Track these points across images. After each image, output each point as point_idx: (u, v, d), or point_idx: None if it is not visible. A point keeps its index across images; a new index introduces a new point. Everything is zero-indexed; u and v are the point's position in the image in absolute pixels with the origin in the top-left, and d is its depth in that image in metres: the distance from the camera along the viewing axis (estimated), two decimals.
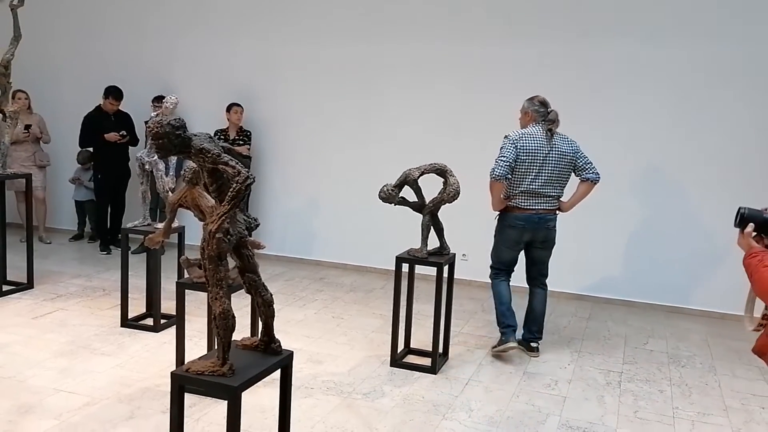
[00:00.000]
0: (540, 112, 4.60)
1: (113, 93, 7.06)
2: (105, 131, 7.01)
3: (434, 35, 6.46)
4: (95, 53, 7.82)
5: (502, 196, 4.60)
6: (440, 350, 4.42)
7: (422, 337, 4.77)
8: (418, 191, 4.39)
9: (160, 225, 4.46)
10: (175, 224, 3.88)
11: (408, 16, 6.55)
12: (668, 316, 5.86)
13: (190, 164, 3.27)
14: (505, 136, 4.60)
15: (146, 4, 7.58)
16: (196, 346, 4.41)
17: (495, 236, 4.84)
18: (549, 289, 6.20)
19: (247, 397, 3.27)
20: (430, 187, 4.49)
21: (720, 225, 5.80)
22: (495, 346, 4.67)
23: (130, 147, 7.26)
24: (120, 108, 7.19)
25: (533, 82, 6.18)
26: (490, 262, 4.92)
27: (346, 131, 6.91)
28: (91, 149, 7.35)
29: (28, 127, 7.09)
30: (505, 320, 4.68)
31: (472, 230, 6.48)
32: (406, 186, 4.30)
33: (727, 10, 5.63)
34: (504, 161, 4.46)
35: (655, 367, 4.61)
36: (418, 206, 4.41)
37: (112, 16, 7.72)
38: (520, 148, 4.49)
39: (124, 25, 7.69)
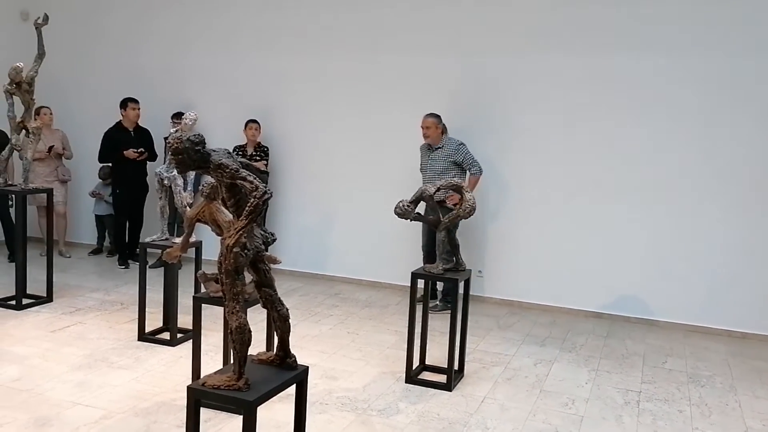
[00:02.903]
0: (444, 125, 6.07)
1: (130, 100, 7.21)
2: (125, 147, 7.11)
3: (447, 49, 6.49)
4: (116, 70, 7.95)
5: None
6: (456, 367, 4.39)
7: (437, 353, 4.75)
8: (433, 207, 4.39)
9: (178, 240, 4.50)
10: (192, 239, 3.92)
11: (421, 30, 6.59)
12: (687, 335, 5.77)
13: (208, 179, 3.30)
14: (462, 144, 6.00)
15: (165, 21, 7.71)
16: (212, 361, 4.42)
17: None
18: (565, 305, 6.24)
19: (262, 412, 3.27)
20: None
21: (741, 242, 5.75)
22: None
23: (148, 162, 7.35)
24: (140, 123, 7.29)
25: (550, 96, 6.21)
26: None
27: (361, 146, 6.94)
28: (110, 164, 7.46)
29: (50, 148, 7.21)
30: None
31: (488, 246, 6.48)
32: (421, 201, 4.30)
33: (744, 23, 5.60)
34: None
35: (675, 387, 4.54)
36: (434, 222, 4.41)
37: (132, 34, 7.86)
38: None
39: (144, 43, 7.82)
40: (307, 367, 2.71)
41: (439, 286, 6.24)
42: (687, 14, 5.76)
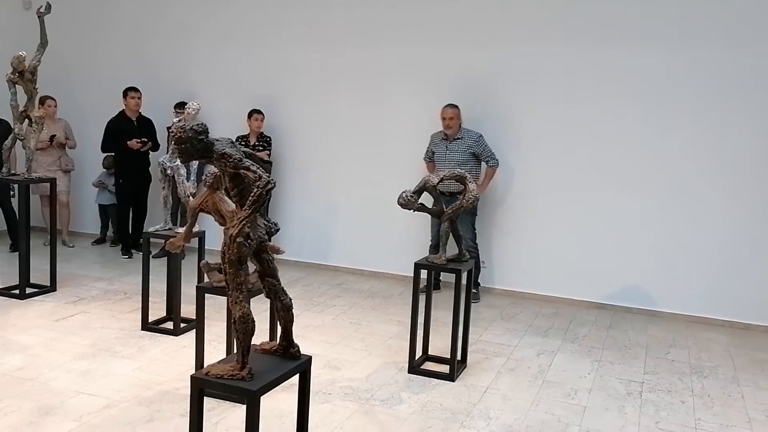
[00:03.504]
0: None
1: (131, 89, 7.20)
2: (127, 137, 7.10)
3: (450, 41, 6.46)
4: (120, 59, 7.94)
5: None
6: (458, 357, 4.40)
7: (440, 344, 4.75)
8: (437, 198, 4.38)
9: (181, 229, 4.50)
10: (195, 229, 3.91)
11: (424, 22, 6.56)
12: (690, 325, 5.77)
13: (211, 169, 3.29)
14: (481, 135, 6.08)
15: (171, 12, 7.68)
16: (216, 350, 4.44)
17: (473, 220, 6.08)
18: (568, 296, 6.23)
19: (265, 401, 3.28)
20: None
21: (743, 234, 5.73)
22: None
23: (151, 152, 7.35)
24: (142, 113, 7.28)
25: (555, 90, 6.18)
26: (472, 243, 6.05)
27: (364, 137, 6.93)
28: (113, 154, 7.45)
29: (52, 137, 7.20)
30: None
31: (491, 238, 6.47)
32: (425, 192, 4.29)
33: (747, 18, 5.56)
34: None
35: (677, 378, 4.55)
36: (438, 212, 4.40)
37: (136, 24, 7.84)
38: None
39: (147, 33, 7.80)
40: (310, 357, 2.72)
41: (441, 276, 6.28)
42: (691, 8, 5.72)
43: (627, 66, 5.93)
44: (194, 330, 4.00)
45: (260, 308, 4.32)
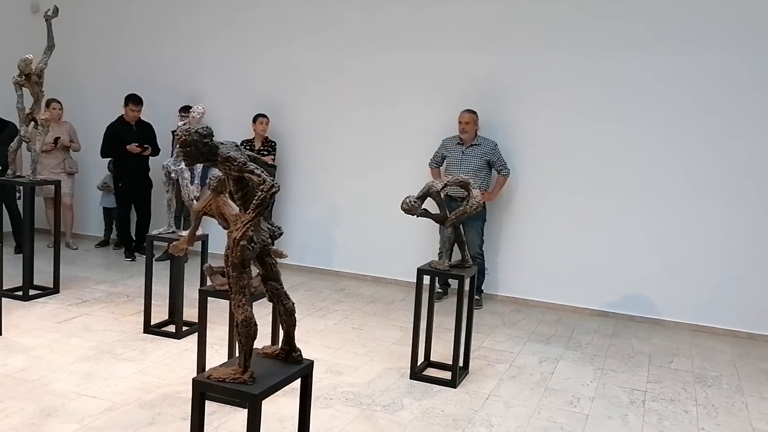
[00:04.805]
0: None
1: (132, 99, 7.19)
2: (127, 141, 7.12)
3: (454, 46, 6.47)
4: (124, 63, 7.96)
5: None
6: (461, 364, 4.38)
7: (442, 350, 4.74)
8: (440, 203, 4.38)
9: (185, 233, 4.51)
10: (199, 232, 3.92)
11: (429, 27, 6.57)
12: (693, 334, 5.75)
13: (215, 172, 3.30)
14: (497, 144, 6.11)
15: (176, 17, 7.71)
16: (218, 354, 4.43)
17: (482, 226, 6.13)
18: (571, 304, 6.21)
19: (266, 405, 3.27)
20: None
21: (748, 242, 5.71)
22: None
23: (151, 157, 7.36)
24: (142, 117, 7.29)
25: (557, 95, 6.18)
26: (479, 249, 6.10)
27: (368, 142, 6.94)
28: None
29: (56, 140, 7.22)
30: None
31: (493, 244, 6.46)
32: (428, 198, 4.29)
33: (755, 21, 5.56)
34: None
35: (681, 387, 4.52)
36: (441, 218, 4.40)
37: (142, 28, 7.87)
38: None
39: (152, 36, 7.83)
40: (312, 362, 2.71)
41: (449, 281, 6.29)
42: (693, 12, 5.72)
43: (631, 72, 5.93)
44: (196, 333, 4.00)
45: (263, 312, 4.32)
